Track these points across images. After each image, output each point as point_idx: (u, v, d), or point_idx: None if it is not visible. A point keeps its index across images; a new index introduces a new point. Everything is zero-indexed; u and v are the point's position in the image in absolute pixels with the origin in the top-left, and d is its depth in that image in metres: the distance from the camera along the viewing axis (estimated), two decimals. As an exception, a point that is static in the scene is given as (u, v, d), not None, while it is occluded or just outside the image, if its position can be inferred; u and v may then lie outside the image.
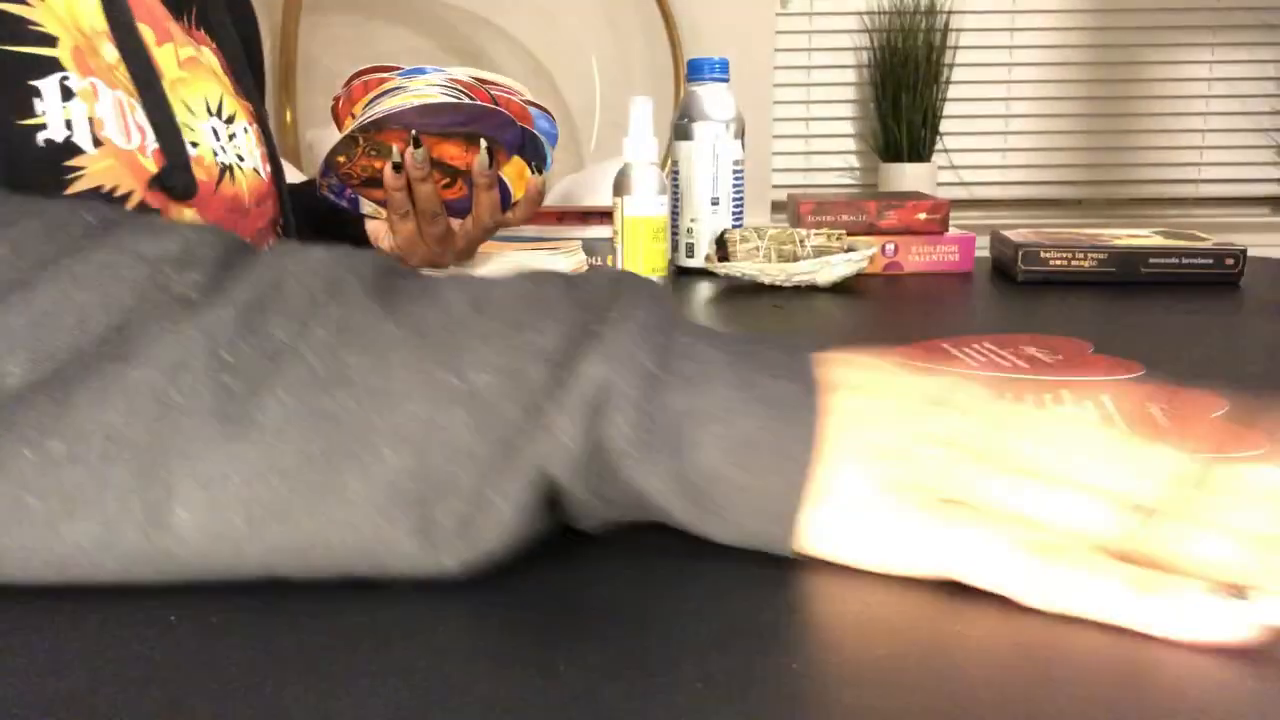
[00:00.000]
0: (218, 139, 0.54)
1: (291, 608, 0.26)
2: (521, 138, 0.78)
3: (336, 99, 0.81)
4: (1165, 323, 0.67)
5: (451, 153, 0.77)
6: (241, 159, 0.57)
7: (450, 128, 0.75)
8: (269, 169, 0.62)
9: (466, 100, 0.74)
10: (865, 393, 0.29)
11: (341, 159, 0.77)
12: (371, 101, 0.76)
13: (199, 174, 0.51)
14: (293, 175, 1.75)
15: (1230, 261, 0.84)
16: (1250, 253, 0.87)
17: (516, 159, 0.80)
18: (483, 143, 0.75)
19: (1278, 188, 2.39)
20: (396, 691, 0.22)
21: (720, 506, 0.27)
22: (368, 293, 0.28)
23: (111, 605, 0.26)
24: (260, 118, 0.62)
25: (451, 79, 0.75)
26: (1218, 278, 0.84)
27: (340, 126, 0.81)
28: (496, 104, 0.76)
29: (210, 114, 0.54)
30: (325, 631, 0.25)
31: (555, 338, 0.27)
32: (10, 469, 0.24)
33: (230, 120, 0.57)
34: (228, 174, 0.54)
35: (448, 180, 0.80)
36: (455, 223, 0.81)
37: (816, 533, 0.28)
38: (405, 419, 0.25)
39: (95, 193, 0.44)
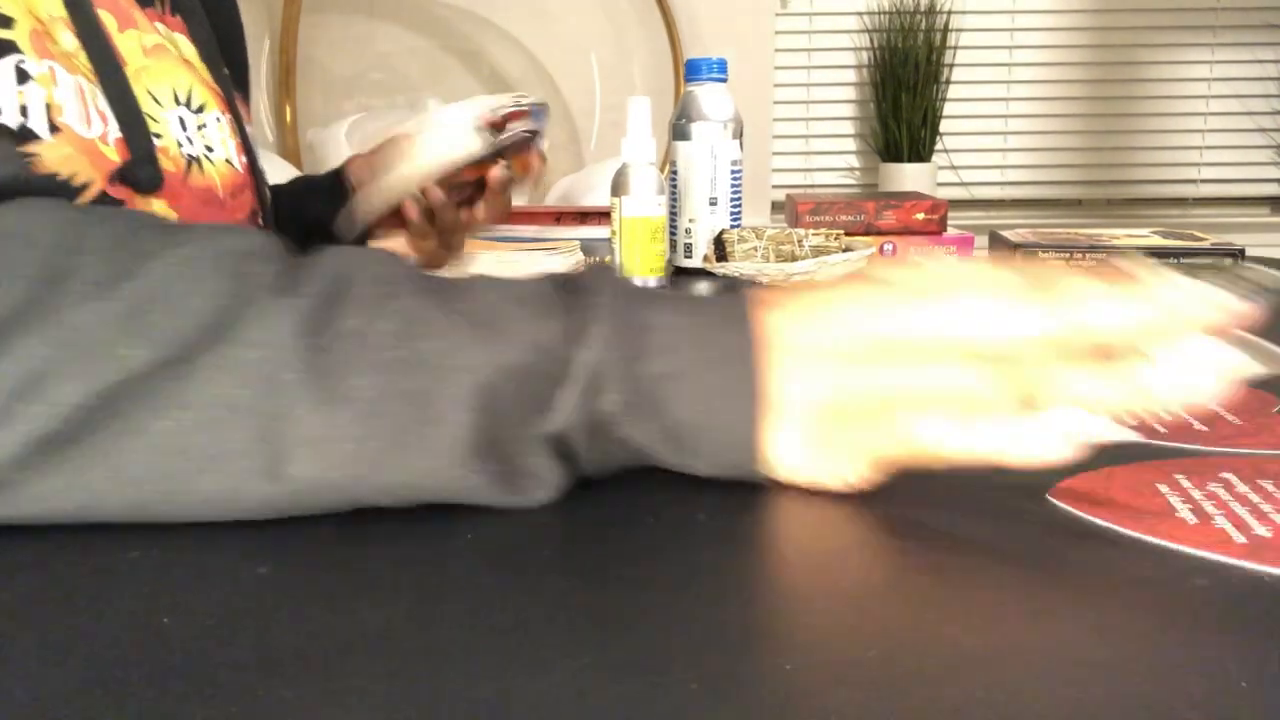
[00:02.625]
0: (184, 129, 0.53)
1: (290, 608, 0.26)
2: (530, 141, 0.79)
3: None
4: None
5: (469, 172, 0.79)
6: (211, 150, 0.55)
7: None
8: (244, 160, 0.60)
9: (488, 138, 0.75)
10: (799, 327, 0.34)
11: None
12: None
13: (165, 164, 0.49)
14: (292, 175, 1.75)
15: (1229, 262, 0.84)
16: (1249, 253, 0.87)
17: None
18: (501, 162, 0.76)
19: (1277, 188, 2.39)
20: (395, 692, 0.22)
21: (697, 447, 0.34)
22: (419, 291, 0.33)
23: (106, 607, 0.26)
24: (234, 108, 0.61)
25: (477, 121, 0.76)
26: (1216, 278, 0.84)
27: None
28: (508, 121, 0.77)
29: (178, 103, 0.53)
30: (324, 631, 0.25)
31: (557, 333, 0.33)
32: (151, 433, 0.30)
33: (200, 110, 0.55)
34: (195, 165, 0.53)
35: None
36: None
37: (776, 458, 0.34)
38: (467, 393, 0.32)
39: (50, 180, 0.42)
